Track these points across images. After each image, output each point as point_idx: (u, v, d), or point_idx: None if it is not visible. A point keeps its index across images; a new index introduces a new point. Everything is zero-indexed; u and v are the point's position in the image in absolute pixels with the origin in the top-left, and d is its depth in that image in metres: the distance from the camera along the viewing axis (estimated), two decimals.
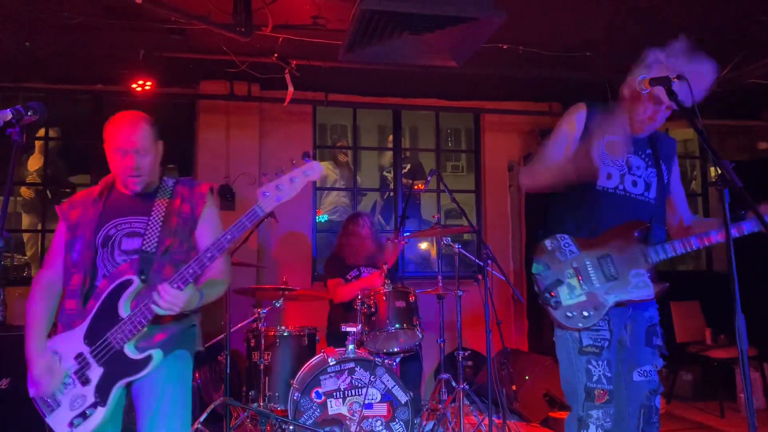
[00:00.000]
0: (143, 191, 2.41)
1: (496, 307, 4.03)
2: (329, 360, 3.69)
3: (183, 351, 2.36)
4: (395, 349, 4.03)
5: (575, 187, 2.42)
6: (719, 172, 1.98)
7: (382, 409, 3.69)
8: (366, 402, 3.66)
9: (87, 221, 2.36)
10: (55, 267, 2.39)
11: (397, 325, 3.91)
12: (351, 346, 3.78)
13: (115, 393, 2.18)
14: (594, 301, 2.31)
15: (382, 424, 3.68)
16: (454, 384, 4.07)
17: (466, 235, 7.27)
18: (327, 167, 6.72)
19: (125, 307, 2.20)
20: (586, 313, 2.30)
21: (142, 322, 2.16)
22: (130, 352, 2.18)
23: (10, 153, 1.91)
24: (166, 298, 2.09)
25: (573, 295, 2.33)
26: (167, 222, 2.35)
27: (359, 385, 3.69)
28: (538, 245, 2.42)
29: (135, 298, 2.21)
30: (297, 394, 3.64)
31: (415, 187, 6.59)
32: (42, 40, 4.45)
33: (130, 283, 2.22)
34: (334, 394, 3.66)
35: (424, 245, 7.15)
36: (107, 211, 2.37)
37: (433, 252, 6.97)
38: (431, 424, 4.16)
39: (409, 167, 6.78)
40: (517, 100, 6.04)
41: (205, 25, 3.89)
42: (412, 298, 4.03)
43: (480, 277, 3.98)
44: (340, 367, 3.69)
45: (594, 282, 2.33)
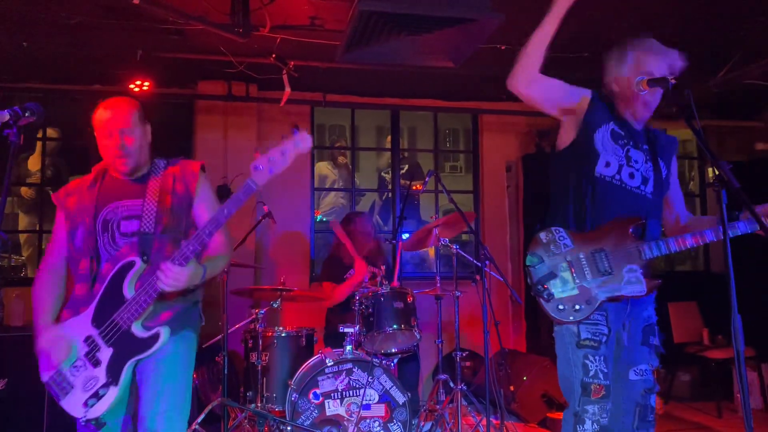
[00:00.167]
0: (134, 173, 2.45)
1: (494, 308, 4.03)
2: (327, 361, 3.69)
3: (189, 332, 2.42)
4: (393, 350, 4.03)
5: (572, 172, 2.44)
6: (717, 172, 1.98)
7: (379, 409, 3.69)
8: (364, 403, 3.66)
9: (84, 208, 2.41)
10: (57, 253, 2.45)
11: (395, 325, 3.91)
12: (349, 347, 3.78)
13: (126, 372, 2.24)
14: (586, 295, 2.32)
15: (379, 425, 3.68)
16: (452, 385, 4.07)
17: (464, 236, 7.28)
18: (325, 167, 6.72)
19: (130, 287, 2.27)
20: (577, 307, 2.31)
21: (148, 300, 2.22)
22: (138, 330, 2.25)
23: (8, 154, 1.91)
24: (169, 275, 2.16)
25: (565, 288, 2.33)
26: (162, 202, 2.40)
27: (357, 385, 3.69)
28: (533, 238, 2.43)
29: (139, 279, 2.28)
30: (295, 394, 3.63)
31: (413, 187, 6.59)
32: (40, 40, 4.44)
33: (132, 264, 2.28)
34: (332, 394, 3.66)
35: (422, 247, 7.14)
36: (102, 196, 2.43)
37: (431, 253, 6.96)
38: (429, 425, 4.16)
39: (407, 168, 6.78)
40: (515, 100, 5.97)
41: (202, 25, 3.88)
42: (410, 299, 4.03)
43: (478, 277, 3.98)
44: (338, 367, 3.69)
45: (587, 276, 2.33)
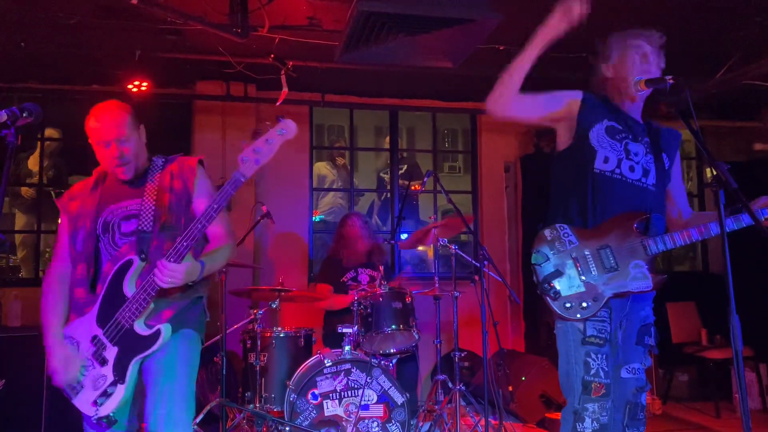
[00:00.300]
0: (134, 176, 2.46)
1: (493, 308, 4.04)
2: (325, 361, 3.69)
3: (190, 330, 2.42)
4: (392, 350, 4.03)
5: (572, 170, 2.44)
6: (715, 173, 1.98)
7: (378, 410, 3.69)
8: (362, 403, 3.66)
9: (86, 212, 2.43)
10: (63, 258, 2.48)
11: (393, 326, 3.91)
12: (347, 348, 3.78)
13: (132, 370, 2.26)
14: (593, 291, 2.32)
15: (378, 426, 3.67)
16: (450, 385, 4.07)
17: (462, 236, 7.28)
18: (324, 167, 6.72)
19: (130, 286, 2.29)
20: (584, 304, 2.31)
21: (147, 298, 2.24)
22: (140, 328, 2.27)
23: (5, 154, 1.90)
24: (164, 272, 2.18)
25: (572, 285, 2.33)
26: (160, 200, 2.41)
27: (355, 386, 3.69)
28: (537, 235, 2.43)
29: (138, 277, 2.30)
30: (293, 395, 3.63)
31: (412, 188, 6.59)
32: (37, 41, 4.43)
33: (131, 263, 2.30)
34: (331, 395, 3.65)
35: (420, 246, 7.15)
36: (103, 199, 2.45)
37: (430, 253, 6.96)
38: (427, 426, 4.16)
39: (405, 168, 6.78)
40: None
41: (201, 25, 3.88)
42: (408, 299, 4.03)
43: (476, 278, 3.97)
44: (337, 368, 3.69)
45: (593, 273, 2.33)
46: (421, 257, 7.14)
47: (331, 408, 3.65)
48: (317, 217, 6.46)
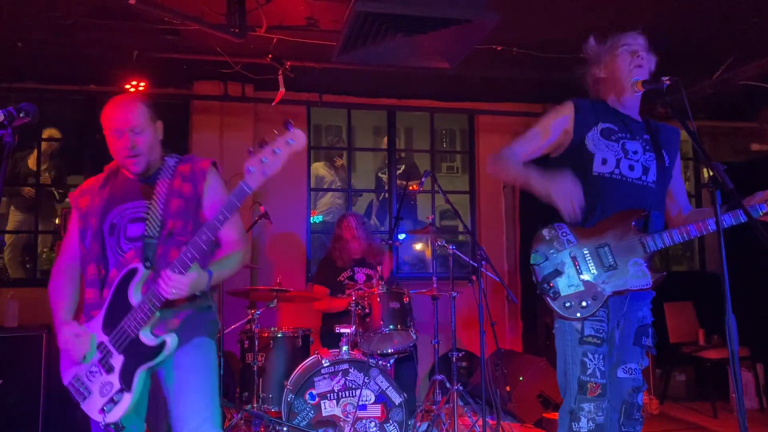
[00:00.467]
0: (145, 173, 2.39)
1: (491, 308, 4.04)
2: (323, 361, 3.69)
3: (201, 338, 2.35)
4: (389, 351, 4.03)
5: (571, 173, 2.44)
6: (711, 173, 1.99)
7: (376, 410, 3.69)
8: (360, 403, 3.66)
9: (94, 209, 2.38)
10: (71, 252, 2.44)
11: (391, 326, 3.91)
12: (345, 348, 3.78)
13: (138, 379, 2.21)
14: (592, 290, 2.32)
15: (376, 426, 3.67)
16: (448, 385, 4.08)
17: (460, 236, 7.29)
18: (322, 168, 6.72)
19: (135, 294, 2.23)
20: (584, 303, 2.31)
21: (152, 308, 2.19)
22: (146, 338, 2.21)
23: (2, 155, 1.90)
24: (169, 284, 2.12)
25: (571, 284, 2.33)
26: (168, 204, 2.33)
27: (353, 386, 3.69)
28: (535, 235, 2.43)
29: (144, 285, 2.24)
30: (291, 395, 3.63)
31: (410, 188, 6.59)
32: (35, 41, 4.43)
33: (135, 271, 2.24)
34: (328, 395, 3.65)
35: (418, 246, 7.16)
36: (112, 197, 2.39)
37: (428, 253, 6.97)
38: (425, 425, 4.16)
39: (403, 168, 6.78)
40: (511, 101, 6.05)
41: (198, 25, 3.88)
42: (406, 299, 4.04)
43: (474, 278, 3.98)
44: (334, 368, 3.69)
45: (592, 271, 2.34)
46: (419, 257, 7.15)
47: (328, 408, 3.65)
48: (315, 217, 6.46)
